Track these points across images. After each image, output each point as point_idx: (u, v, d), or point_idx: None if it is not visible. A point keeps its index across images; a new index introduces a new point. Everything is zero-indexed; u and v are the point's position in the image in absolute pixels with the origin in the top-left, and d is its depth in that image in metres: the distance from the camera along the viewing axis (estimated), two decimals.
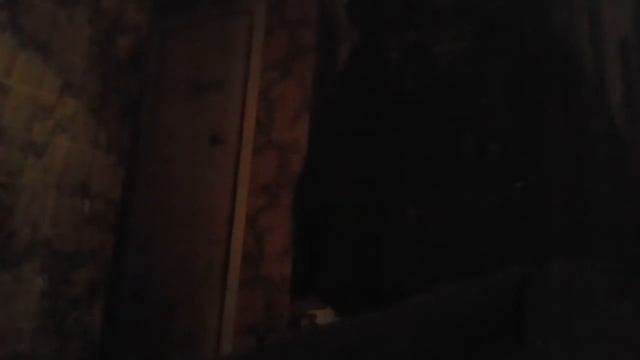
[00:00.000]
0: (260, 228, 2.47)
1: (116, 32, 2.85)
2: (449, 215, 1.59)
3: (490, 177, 1.54)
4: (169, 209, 2.77)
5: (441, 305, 0.96)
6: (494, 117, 1.59)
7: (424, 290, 1.23)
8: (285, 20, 2.66)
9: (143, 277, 2.75)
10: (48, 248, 2.46)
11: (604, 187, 1.29)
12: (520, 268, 1.03)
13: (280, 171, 2.49)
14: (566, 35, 1.49)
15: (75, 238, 2.59)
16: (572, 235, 1.16)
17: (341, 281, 2.14)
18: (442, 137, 1.35)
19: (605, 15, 1.74)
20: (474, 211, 1.46)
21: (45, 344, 2.42)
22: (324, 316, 2.09)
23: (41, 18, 2.47)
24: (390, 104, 2.27)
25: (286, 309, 2.27)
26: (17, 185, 2.35)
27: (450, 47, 2.17)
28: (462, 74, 1.29)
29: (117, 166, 2.83)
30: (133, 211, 2.86)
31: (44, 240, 2.45)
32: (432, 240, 1.35)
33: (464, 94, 1.65)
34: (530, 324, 0.84)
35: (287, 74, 2.58)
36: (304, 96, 2.52)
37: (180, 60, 2.97)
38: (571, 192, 1.20)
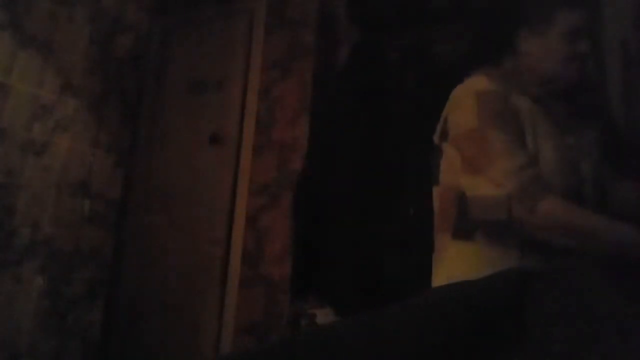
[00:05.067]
0: (260, 228, 2.48)
1: (116, 31, 2.85)
2: None
3: None
4: (169, 208, 2.77)
5: (441, 304, 0.96)
6: None
7: (424, 290, 1.23)
8: (285, 20, 2.66)
9: (143, 276, 2.74)
10: (48, 248, 2.46)
11: (605, 186, 1.29)
12: (521, 267, 1.03)
13: (280, 171, 2.49)
14: None
15: (75, 238, 2.59)
16: None
17: (341, 281, 2.14)
18: None
19: (605, 15, 1.74)
20: None
21: (45, 344, 2.42)
22: (324, 316, 2.09)
23: (41, 17, 2.47)
24: (390, 103, 2.27)
25: (286, 309, 2.27)
26: (17, 185, 2.35)
27: (450, 47, 2.17)
28: (462, 74, 1.29)
29: (117, 166, 2.83)
30: (133, 211, 2.86)
31: (44, 240, 2.45)
32: (432, 239, 1.35)
33: None
34: (531, 322, 0.84)
35: (287, 74, 2.58)
36: (304, 96, 2.52)
37: (180, 60, 2.97)
38: (571, 191, 1.20)
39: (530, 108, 1.22)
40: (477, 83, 1.25)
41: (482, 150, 1.17)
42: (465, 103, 1.24)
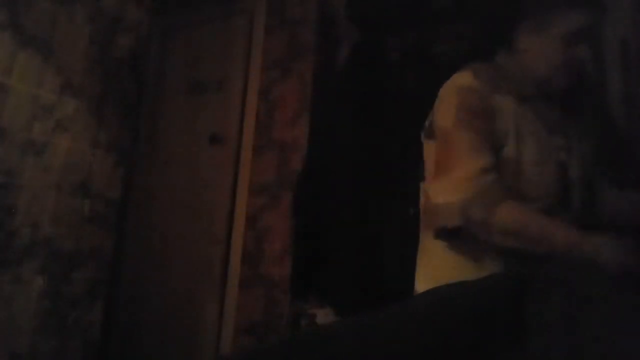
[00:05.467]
0: (260, 228, 2.47)
1: (116, 31, 2.85)
2: None
3: None
4: (169, 209, 2.77)
5: (441, 305, 0.96)
6: None
7: (424, 290, 1.23)
8: (285, 20, 2.66)
9: (143, 276, 2.74)
10: (48, 248, 2.46)
11: (604, 187, 1.29)
12: (521, 267, 1.03)
13: (280, 171, 2.49)
14: None
15: (75, 238, 2.59)
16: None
17: (341, 281, 2.14)
18: None
19: (605, 15, 1.74)
20: None
21: (45, 344, 2.42)
22: (324, 316, 2.09)
23: (41, 17, 2.47)
24: (390, 103, 2.27)
25: (286, 309, 2.27)
26: (17, 185, 2.35)
27: (450, 47, 2.17)
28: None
29: (117, 166, 2.83)
30: (133, 211, 2.86)
31: (44, 240, 2.45)
32: None
33: None
34: (531, 323, 0.84)
35: (287, 74, 2.58)
36: (304, 96, 2.52)
37: (180, 60, 2.97)
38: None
39: (515, 108, 1.19)
40: (460, 78, 1.22)
41: (448, 152, 1.15)
42: (447, 100, 1.21)
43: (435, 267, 1.21)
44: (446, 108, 1.21)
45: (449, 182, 1.13)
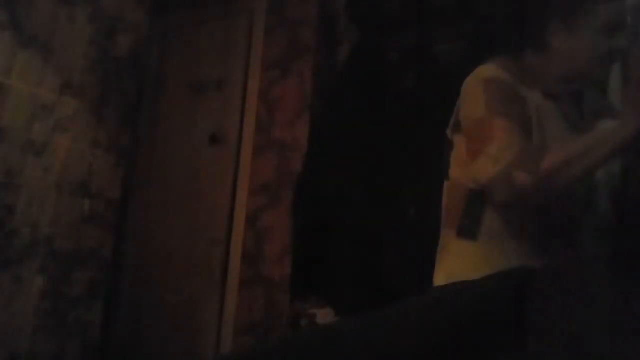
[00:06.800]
0: (260, 228, 2.47)
1: (116, 31, 2.85)
2: None
3: None
4: (169, 208, 2.77)
5: (442, 304, 0.96)
6: None
7: (424, 290, 1.23)
8: (285, 20, 2.66)
9: (143, 276, 2.74)
10: (48, 247, 2.46)
11: (603, 186, 1.29)
12: (522, 266, 1.03)
13: (281, 171, 2.49)
14: None
15: (75, 238, 2.59)
16: (571, 233, 1.16)
17: (341, 281, 2.14)
18: (441, 136, 1.36)
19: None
20: None
21: (45, 344, 2.42)
22: (324, 316, 2.09)
23: (41, 17, 2.47)
24: (390, 103, 2.27)
25: (286, 309, 2.27)
26: (17, 185, 2.35)
27: (450, 47, 2.17)
28: (462, 74, 1.29)
29: (117, 166, 2.83)
30: (133, 211, 2.86)
31: (44, 240, 2.45)
32: (432, 239, 1.35)
33: None
34: (531, 322, 0.84)
35: (287, 74, 2.58)
36: (304, 96, 2.52)
37: (181, 60, 2.97)
38: (570, 189, 1.20)
39: (540, 105, 1.18)
40: (485, 71, 1.20)
41: (484, 136, 1.12)
42: (473, 92, 1.20)
43: (456, 267, 1.19)
44: (474, 99, 1.19)
45: (486, 157, 1.09)
